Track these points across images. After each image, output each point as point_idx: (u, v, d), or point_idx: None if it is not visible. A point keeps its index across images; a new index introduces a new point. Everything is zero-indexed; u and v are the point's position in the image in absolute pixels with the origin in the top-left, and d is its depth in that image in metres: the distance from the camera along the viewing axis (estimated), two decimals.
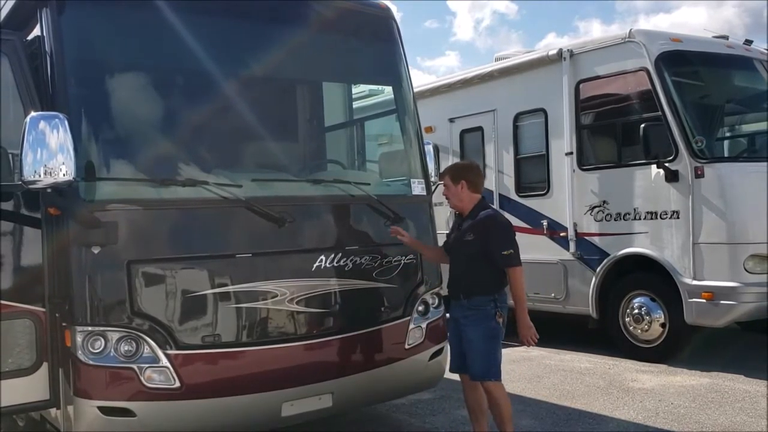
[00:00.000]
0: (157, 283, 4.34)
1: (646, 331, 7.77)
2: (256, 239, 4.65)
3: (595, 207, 8.13)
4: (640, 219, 7.72)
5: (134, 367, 4.16)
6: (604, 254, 8.04)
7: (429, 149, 5.76)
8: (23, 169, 3.90)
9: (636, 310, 7.82)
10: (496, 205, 8.99)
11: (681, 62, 7.83)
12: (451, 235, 5.01)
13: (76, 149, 3.98)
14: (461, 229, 4.87)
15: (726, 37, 8.65)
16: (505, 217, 5.10)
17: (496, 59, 10.10)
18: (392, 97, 5.87)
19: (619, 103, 8.07)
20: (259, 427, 4.66)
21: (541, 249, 8.56)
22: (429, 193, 5.60)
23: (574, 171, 8.30)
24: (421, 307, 5.28)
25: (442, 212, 9.60)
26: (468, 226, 4.80)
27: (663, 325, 7.64)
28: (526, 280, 4.74)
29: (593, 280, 8.11)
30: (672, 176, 7.36)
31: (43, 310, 4.28)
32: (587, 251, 8.21)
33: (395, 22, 5.70)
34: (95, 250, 4.14)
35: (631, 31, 7.83)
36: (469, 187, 4.85)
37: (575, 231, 8.29)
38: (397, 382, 5.16)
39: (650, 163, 7.50)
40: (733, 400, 6.28)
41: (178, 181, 4.46)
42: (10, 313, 4.23)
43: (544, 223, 8.62)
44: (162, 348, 4.22)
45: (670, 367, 7.44)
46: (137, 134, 4.63)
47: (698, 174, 7.20)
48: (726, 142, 8.47)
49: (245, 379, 4.46)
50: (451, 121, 9.99)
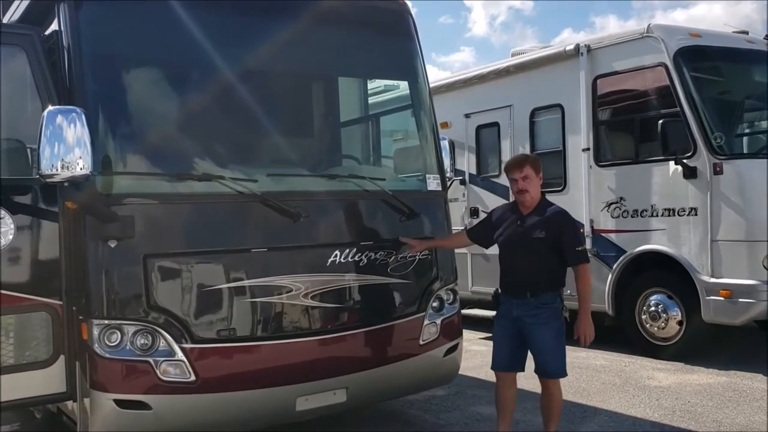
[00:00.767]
0: (173, 277, 4.36)
1: (663, 328, 7.71)
2: (272, 234, 4.66)
3: (612, 203, 8.07)
4: (657, 216, 7.65)
5: (150, 360, 4.19)
6: (621, 251, 7.99)
7: (445, 145, 5.74)
8: (41, 163, 3.92)
9: (653, 308, 7.76)
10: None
11: (700, 57, 7.75)
12: (506, 230, 4.80)
13: (93, 143, 4.01)
14: (525, 224, 4.68)
15: (746, 33, 8.55)
16: None
17: (513, 54, 10.03)
18: (408, 92, 5.86)
19: (637, 99, 8.00)
20: (274, 421, 4.69)
21: None
22: (444, 188, 5.58)
23: (590, 167, 8.25)
24: (435, 303, 5.26)
25: (457, 208, 9.64)
26: (536, 222, 4.64)
27: (680, 323, 7.57)
28: None
29: (609, 277, 8.06)
30: (690, 173, 7.29)
31: (60, 303, 4.31)
32: (604, 248, 8.15)
33: (412, 17, 5.68)
34: (112, 244, 4.16)
35: (649, 26, 7.75)
36: (540, 182, 4.78)
37: (591, 227, 8.23)
38: (411, 378, 5.15)
39: (668, 160, 7.43)
40: (752, 399, 6.21)
41: (195, 175, 4.47)
42: (28, 306, 4.26)
43: None
44: (177, 342, 4.24)
45: (687, 365, 7.38)
46: (154, 129, 4.64)
47: (717, 170, 7.12)
48: (745, 139, 8.35)
49: (260, 374, 4.48)
50: (467, 116, 9.96)
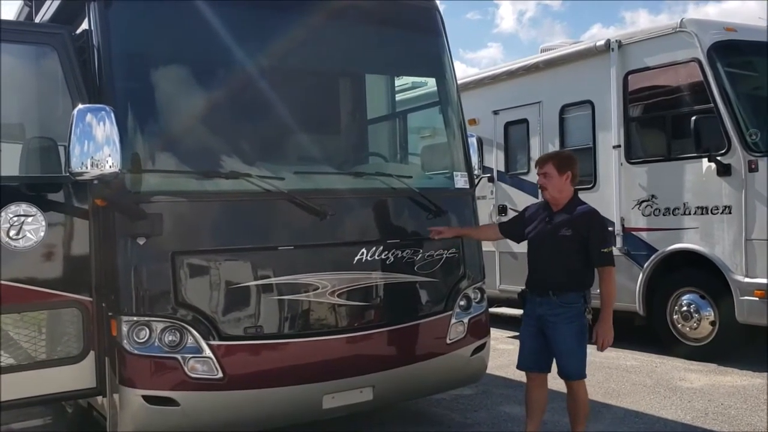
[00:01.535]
0: (201, 275, 4.38)
1: (695, 329, 7.58)
2: (298, 232, 4.66)
3: (643, 201, 7.95)
4: (689, 214, 7.52)
5: (178, 357, 4.21)
6: (652, 250, 7.87)
7: (473, 142, 5.70)
8: (71, 161, 3.96)
9: (685, 308, 7.63)
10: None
11: (735, 53, 7.59)
12: (535, 227, 4.76)
13: (122, 141, 4.03)
14: (553, 222, 4.64)
15: None
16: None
17: (542, 51, 9.94)
18: (436, 89, 5.82)
19: (669, 95, 7.87)
20: (300, 419, 4.69)
21: None
22: (472, 186, 5.54)
23: (621, 164, 8.13)
24: (463, 302, 5.23)
25: (484, 206, 9.57)
26: (564, 220, 4.59)
27: (713, 323, 7.44)
28: None
29: (640, 276, 7.94)
30: (724, 170, 7.15)
31: (90, 299, 4.36)
32: (634, 246, 8.04)
33: (440, 13, 5.64)
34: (141, 241, 4.19)
35: (682, 20, 7.61)
36: (572, 180, 4.68)
37: (622, 226, 8.12)
38: (438, 376, 5.12)
39: (701, 157, 7.30)
40: None
41: (222, 173, 4.49)
42: (59, 302, 4.32)
43: None
44: (205, 338, 4.26)
45: (720, 367, 7.25)
46: (182, 127, 4.67)
47: (752, 168, 6.97)
48: None
49: (287, 371, 4.49)
50: (496, 113, 9.89)
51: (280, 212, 4.63)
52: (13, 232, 4.14)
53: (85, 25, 4.50)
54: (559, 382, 4.75)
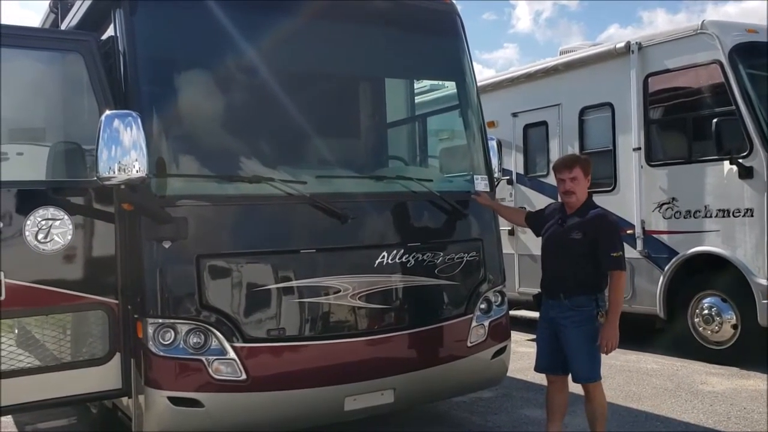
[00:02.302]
0: (225, 277, 4.43)
1: (717, 332, 7.53)
2: (320, 235, 4.70)
3: (664, 204, 7.91)
4: (711, 217, 7.48)
5: (202, 359, 4.26)
6: (673, 253, 7.82)
7: (492, 144, 5.70)
8: (98, 166, 4.00)
9: (706, 311, 7.59)
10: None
11: (757, 54, 7.53)
12: (549, 228, 4.79)
13: (148, 146, 4.08)
14: (565, 225, 4.66)
15: None
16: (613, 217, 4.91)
17: (561, 53, 9.92)
18: (455, 92, 5.84)
19: (690, 97, 7.84)
20: (323, 420, 4.72)
21: None
22: (492, 188, 5.55)
23: (642, 167, 8.10)
24: (483, 305, 5.24)
25: None
26: (576, 223, 4.60)
27: (735, 327, 7.39)
28: None
29: (661, 279, 7.90)
30: (746, 173, 7.10)
31: (116, 301, 4.42)
32: (655, 249, 8.00)
33: (459, 17, 5.66)
34: (166, 245, 4.24)
35: (703, 22, 7.58)
36: (588, 184, 4.74)
37: (643, 228, 8.09)
38: (458, 379, 5.13)
39: (723, 159, 7.26)
40: None
41: (245, 177, 4.54)
42: (85, 305, 4.38)
43: None
44: (229, 341, 4.31)
45: (742, 370, 7.19)
46: (206, 132, 4.73)
47: None
48: None
49: (309, 373, 4.52)
50: (515, 115, 9.88)
51: (302, 216, 4.67)
52: (41, 236, 4.21)
53: (111, 32, 4.56)
54: (577, 386, 4.75)
